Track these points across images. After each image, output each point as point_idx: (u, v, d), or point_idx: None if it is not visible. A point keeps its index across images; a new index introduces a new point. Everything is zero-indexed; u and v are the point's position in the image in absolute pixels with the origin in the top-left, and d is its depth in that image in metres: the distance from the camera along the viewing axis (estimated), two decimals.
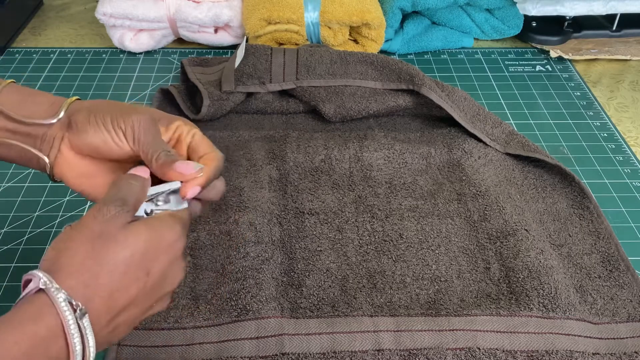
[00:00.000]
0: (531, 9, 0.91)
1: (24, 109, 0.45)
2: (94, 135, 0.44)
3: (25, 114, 0.44)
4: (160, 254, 0.39)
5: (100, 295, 0.35)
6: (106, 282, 0.36)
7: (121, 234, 0.37)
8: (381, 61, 0.78)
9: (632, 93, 0.85)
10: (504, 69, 0.90)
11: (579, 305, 0.54)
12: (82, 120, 0.44)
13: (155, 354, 0.50)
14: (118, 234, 0.37)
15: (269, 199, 0.64)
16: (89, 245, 0.36)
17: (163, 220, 0.40)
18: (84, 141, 0.44)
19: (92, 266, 0.36)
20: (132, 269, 0.37)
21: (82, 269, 0.35)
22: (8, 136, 0.45)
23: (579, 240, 0.61)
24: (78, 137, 0.44)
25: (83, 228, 0.37)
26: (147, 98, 0.81)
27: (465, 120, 0.73)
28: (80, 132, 0.44)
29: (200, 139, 0.46)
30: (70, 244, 0.36)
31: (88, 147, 0.44)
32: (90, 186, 0.46)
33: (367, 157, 0.69)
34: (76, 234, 0.37)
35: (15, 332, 0.32)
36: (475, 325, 0.52)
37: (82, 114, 0.44)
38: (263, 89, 0.76)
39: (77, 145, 0.45)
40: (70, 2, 1.06)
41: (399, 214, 0.63)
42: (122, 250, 0.37)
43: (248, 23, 0.85)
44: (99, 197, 0.42)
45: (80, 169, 0.46)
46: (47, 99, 0.46)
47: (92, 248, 0.36)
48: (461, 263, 0.58)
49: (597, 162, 0.72)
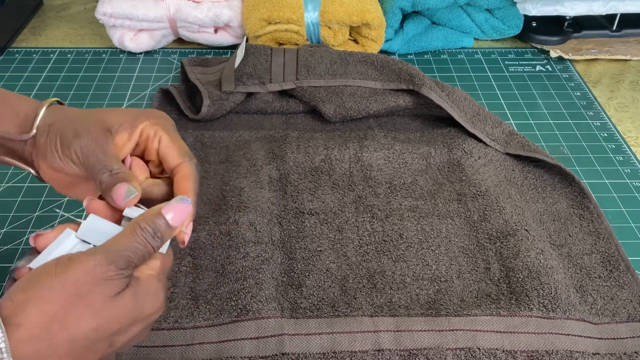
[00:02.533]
0: (531, 9, 0.91)
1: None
2: (52, 159, 0.42)
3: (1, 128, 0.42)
4: (133, 327, 0.35)
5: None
6: (64, 352, 0.32)
7: (103, 309, 0.33)
8: (381, 61, 0.78)
9: (632, 93, 0.85)
10: (504, 69, 0.90)
11: (579, 305, 0.54)
12: (42, 143, 0.42)
13: (155, 354, 0.50)
14: (101, 307, 0.33)
15: (269, 199, 0.64)
16: (63, 306, 0.32)
17: (150, 288, 0.36)
18: (48, 164, 0.42)
19: (56, 335, 0.32)
20: (97, 343, 0.33)
21: (43, 335, 0.32)
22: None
23: (579, 240, 0.61)
24: (42, 159, 0.42)
25: (67, 278, 0.32)
26: (147, 98, 0.81)
27: (465, 120, 0.73)
28: (40, 154, 0.42)
29: (168, 145, 0.43)
30: (43, 294, 0.32)
31: (54, 169, 0.42)
32: (77, 194, 0.44)
33: (367, 157, 0.69)
34: (55, 283, 0.32)
35: None
36: (475, 325, 0.52)
37: (43, 136, 0.42)
38: (263, 89, 0.76)
39: (56, 166, 0.42)
40: (70, 2, 1.06)
41: (399, 214, 0.63)
42: (95, 327, 0.33)
43: (248, 23, 0.85)
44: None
45: (61, 181, 0.44)
46: (21, 108, 0.43)
47: (65, 311, 0.32)
48: (461, 263, 0.58)
49: (597, 162, 0.72)
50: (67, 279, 0.32)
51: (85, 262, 0.33)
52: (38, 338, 0.31)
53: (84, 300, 0.32)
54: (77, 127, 0.42)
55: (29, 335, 0.31)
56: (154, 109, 0.46)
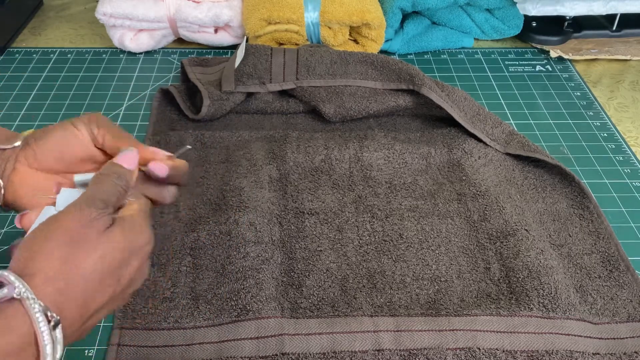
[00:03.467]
0: (531, 9, 0.91)
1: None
2: (60, 133, 0.45)
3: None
4: (132, 259, 0.39)
5: (74, 303, 0.35)
6: (81, 290, 0.35)
7: (100, 242, 0.36)
8: (381, 61, 0.78)
9: (632, 93, 0.85)
10: (504, 69, 0.90)
11: (579, 305, 0.54)
12: (40, 132, 0.45)
13: (156, 354, 0.50)
14: (97, 241, 0.36)
15: (269, 199, 0.64)
16: (67, 250, 0.35)
17: (135, 223, 0.39)
18: (45, 146, 0.45)
19: (69, 273, 0.35)
20: (106, 277, 0.37)
21: (58, 275, 0.34)
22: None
23: (579, 240, 0.61)
24: (37, 147, 0.45)
25: (60, 229, 0.36)
26: (147, 98, 0.81)
27: (465, 120, 0.73)
28: (39, 140, 0.45)
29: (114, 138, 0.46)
30: (45, 245, 0.35)
31: (50, 151, 0.45)
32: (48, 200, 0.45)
33: (367, 157, 0.69)
34: (52, 235, 0.35)
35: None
36: (475, 325, 0.52)
37: (38, 132, 0.45)
38: (263, 89, 0.76)
39: (35, 158, 0.45)
40: (70, 2, 1.06)
41: (399, 214, 0.63)
42: (99, 258, 0.36)
43: (248, 23, 0.85)
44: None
45: (36, 183, 0.45)
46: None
47: (69, 253, 0.35)
48: (461, 263, 0.58)
49: (597, 162, 0.72)
50: (60, 229, 0.36)
51: (70, 212, 0.37)
52: (54, 279, 0.35)
53: (81, 240, 0.36)
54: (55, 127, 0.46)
55: (45, 278, 0.34)
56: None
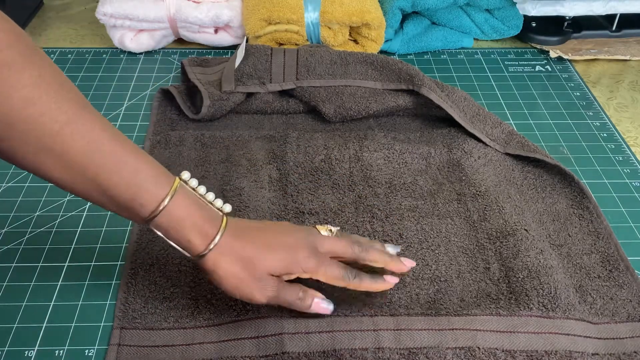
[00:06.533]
0: (531, 9, 0.91)
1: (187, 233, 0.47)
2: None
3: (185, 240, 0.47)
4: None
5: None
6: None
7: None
8: (381, 61, 0.78)
9: (632, 93, 0.85)
10: (504, 69, 0.90)
11: (578, 305, 0.54)
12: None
13: (156, 353, 0.50)
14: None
15: (269, 199, 0.64)
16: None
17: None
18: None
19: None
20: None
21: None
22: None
23: (579, 240, 0.61)
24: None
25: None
26: (147, 98, 0.81)
27: (465, 121, 0.73)
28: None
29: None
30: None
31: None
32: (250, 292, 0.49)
33: (367, 157, 0.69)
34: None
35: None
36: (475, 324, 0.52)
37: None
38: (263, 89, 0.76)
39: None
40: (70, 3, 1.06)
41: (399, 214, 0.63)
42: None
43: (248, 23, 0.85)
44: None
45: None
46: (201, 226, 0.47)
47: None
48: (461, 263, 0.58)
49: (597, 162, 0.72)
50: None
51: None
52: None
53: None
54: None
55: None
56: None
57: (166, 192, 0.45)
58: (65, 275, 0.57)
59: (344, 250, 0.51)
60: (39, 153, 0.42)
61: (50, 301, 0.55)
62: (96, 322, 0.53)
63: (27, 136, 0.41)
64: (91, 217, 0.63)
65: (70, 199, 0.65)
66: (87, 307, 0.54)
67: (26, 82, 0.40)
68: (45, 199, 0.65)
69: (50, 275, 0.57)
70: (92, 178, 0.43)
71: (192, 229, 0.46)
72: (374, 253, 0.52)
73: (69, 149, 0.42)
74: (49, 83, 0.41)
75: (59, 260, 0.58)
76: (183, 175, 0.48)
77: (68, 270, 0.58)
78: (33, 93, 0.40)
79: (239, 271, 0.47)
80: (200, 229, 0.46)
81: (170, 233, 0.46)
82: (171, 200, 0.45)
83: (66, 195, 0.65)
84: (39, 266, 0.58)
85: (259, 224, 0.50)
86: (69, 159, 0.42)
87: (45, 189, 0.66)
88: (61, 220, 0.63)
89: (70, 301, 0.55)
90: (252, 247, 0.47)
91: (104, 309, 0.54)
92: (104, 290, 0.56)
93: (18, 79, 0.40)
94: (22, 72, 0.40)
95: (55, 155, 0.42)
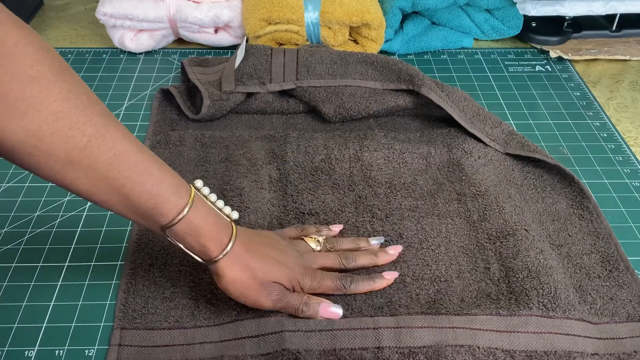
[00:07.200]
0: (531, 9, 0.91)
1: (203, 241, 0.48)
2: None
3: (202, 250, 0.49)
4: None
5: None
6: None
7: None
8: (381, 61, 0.78)
9: (632, 93, 0.85)
10: (504, 69, 0.90)
11: (578, 305, 0.54)
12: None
13: (157, 353, 0.50)
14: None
15: (269, 200, 0.64)
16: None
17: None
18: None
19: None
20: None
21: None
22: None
23: (579, 240, 0.61)
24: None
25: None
26: (147, 98, 0.81)
27: (465, 120, 0.73)
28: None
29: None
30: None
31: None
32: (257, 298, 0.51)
33: (367, 157, 0.69)
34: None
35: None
36: (475, 324, 0.52)
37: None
38: (263, 89, 0.76)
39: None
40: (70, 2, 1.06)
41: (399, 214, 0.63)
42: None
43: (248, 23, 0.85)
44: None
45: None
46: (215, 235, 0.49)
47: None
48: (461, 263, 0.58)
49: (597, 162, 0.72)
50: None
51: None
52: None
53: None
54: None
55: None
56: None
57: (185, 202, 0.46)
58: (65, 275, 0.57)
59: (333, 263, 0.55)
60: (67, 166, 0.42)
61: (50, 301, 0.55)
62: (96, 322, 0.53)
63: (55, 149, 0.41)
64: (91, 217, 0.63)
65: (70, 199, 0.65)
66: (87, 307, 0.54)
67: (56, 96, 0.40)
68: (45, 199, 0.65)
69: (50, 275, 0.57)
70: (117, 188, 0.44)
71: (208, 237, 0.47)
72: (360, 259, 0.56)
73: (96, 161, 0.42)
74: (77, 97, 0.42)
75: (59, 260, 0.58)
76: (197, 184, 0.49)
77: (68, 270, 0.58)
78: (62, 107, 0.41)
79: (246, 278, 0.49)
80: (216, 237, 0.48)
81: (186, 240, 0.47)
82: (190, 210, 0.46)
83: (66, 195, 0.65)
84: (39, 266, 0.58)
85: (260, 238, 0.53)
86: (95, 171, 0.43)
87: (45, 189, 0.66)
88: (61, 220, 0.63)
89: (70, 301, 0.55)
90: (258, 258, 0.50)
91: (104, 309, 0.54)
92: (104, 290, 0.56)
93: (48, 94, 0.40)
94: (52, 86, 0.40)
95: (82, 167, 0.42)
